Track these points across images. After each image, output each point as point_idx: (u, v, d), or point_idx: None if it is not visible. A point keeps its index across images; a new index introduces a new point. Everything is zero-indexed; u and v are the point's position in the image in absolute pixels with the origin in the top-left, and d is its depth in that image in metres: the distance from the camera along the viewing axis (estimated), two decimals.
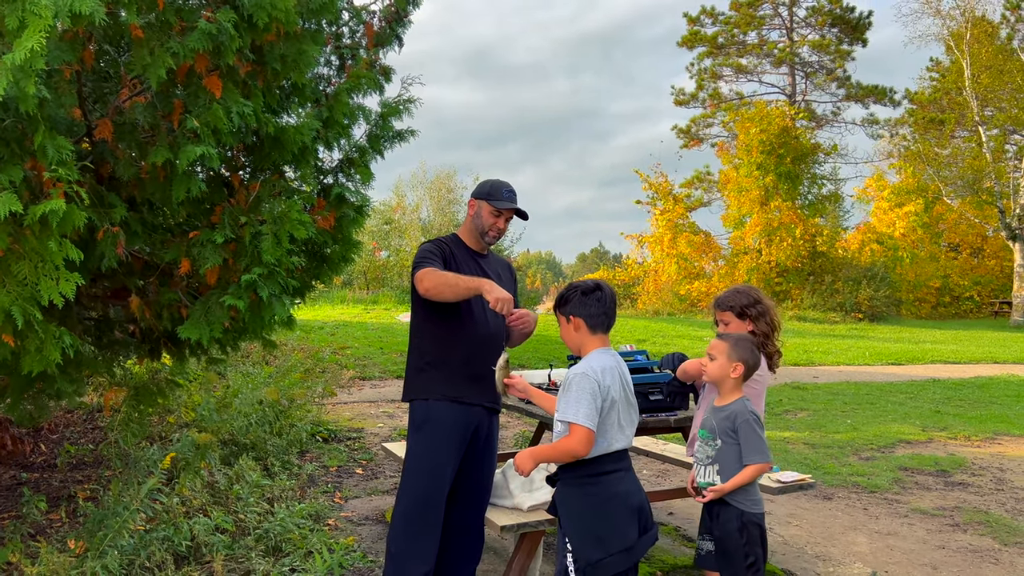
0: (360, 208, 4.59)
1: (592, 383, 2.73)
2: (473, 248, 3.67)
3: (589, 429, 2.69)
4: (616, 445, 2.79)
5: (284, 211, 3.87)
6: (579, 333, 2.89)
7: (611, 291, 2.88)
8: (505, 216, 3.61)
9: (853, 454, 7.48)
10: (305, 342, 13.32)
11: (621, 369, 2.87)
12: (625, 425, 2.83)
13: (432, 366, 3.53)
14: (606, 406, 2.75)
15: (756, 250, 29.91)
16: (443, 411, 3.47)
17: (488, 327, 3.56)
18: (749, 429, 3.11)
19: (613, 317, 2.89)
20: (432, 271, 3.33)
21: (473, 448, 3.58)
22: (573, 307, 2.89)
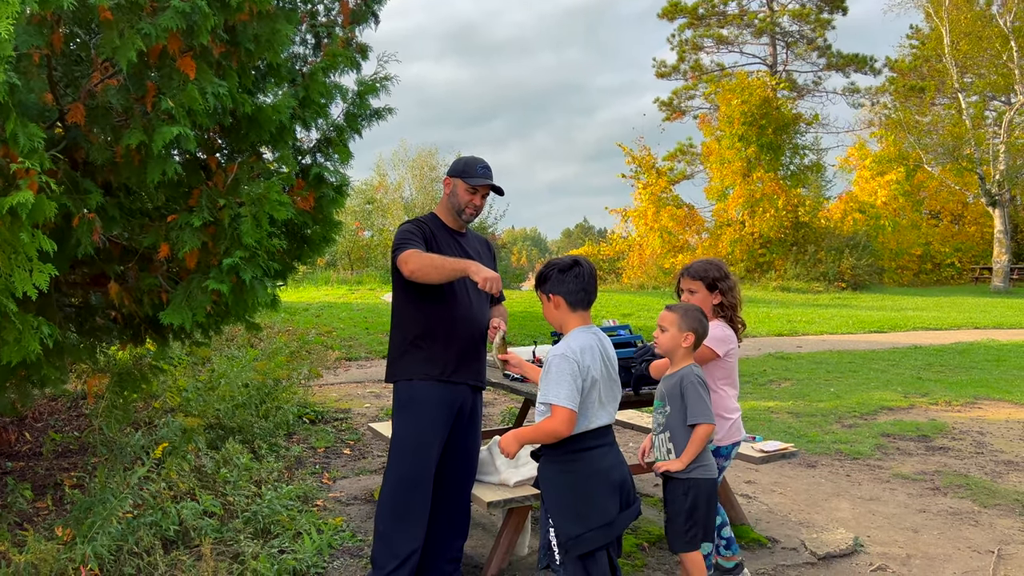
0: (340, 188, 4.57)
1: (572, 364, 2.74)
2: (451, 227, 3.66)
3: (570, 410, 2.71)
4: (597, 422, 2.81)
5: (263, 192, 3.84)
6: (559, 311, 2.89)
7: (590, 267, 2.88)
8: (481, 193, 3.60)
9: (836, 422, 7.58)
10: (290, 324, 13.29)
11: (603, 346, 2.87)
12: (607, 402, 2.85)
13: (415, 346, 3.53)
14: (587, 386, 2.76)
15: (739, 222, 30.01)
16: (427, 390, 3.48)
17: (470, 307, 3.57)
18: (693, 390, 3.16)
19: (593, 293, 2.89)
20: (416, 253, 3.32)
21: (458, 426, 3.60)
22: (552, 285, 2.89)
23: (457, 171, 3.59)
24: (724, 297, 3.57)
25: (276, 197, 3.85)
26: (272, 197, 3.84)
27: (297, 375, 7.93)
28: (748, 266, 29.45)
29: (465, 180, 3.56)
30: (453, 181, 3.60)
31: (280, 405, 6.93)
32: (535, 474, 3.88)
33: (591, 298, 2.89)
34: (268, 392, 6.87)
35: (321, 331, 13.02)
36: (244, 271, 3.84)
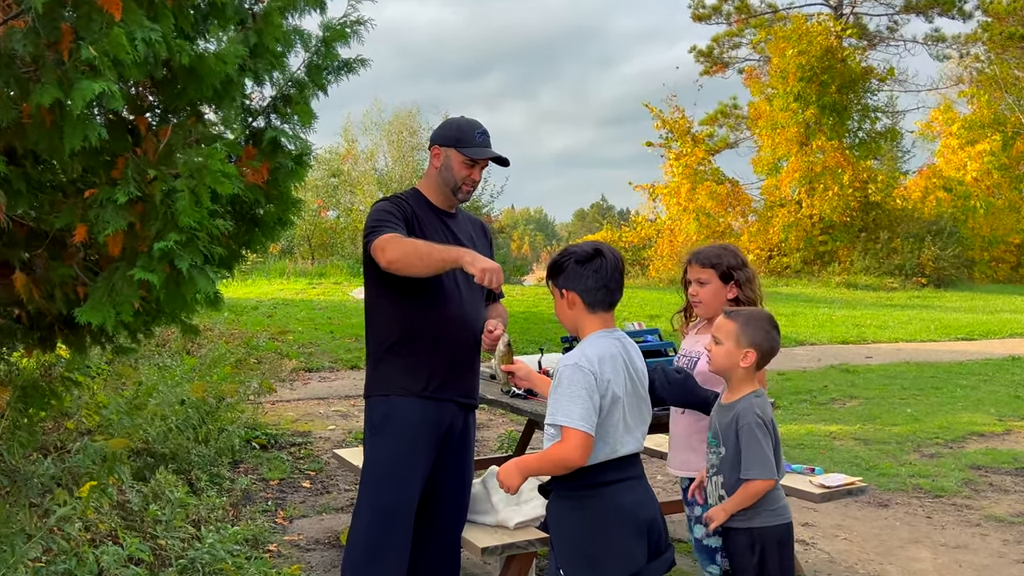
0: (299, 157, 4.57)
1: (587, 376, 2.74)
2: (439, 206, 3.67)
3: (585, 433, 2.71)
4: (621, 449, 2.82)
5: (204, 162, 3.84)
6: (574, 311, 2.90)
7: (615, 257, 2.88)
8: (480, 166, 3.61)
9: (914, 451, 7.60)
10: (236, 326, 13.30)
11: (628, 356, 2.88)
12: (633, 425, 2.86)
13: (392, 354, 3.55)
14: (606, 403, 2.76)
15: (795, 201, 30.06)
16: (406, 409, 3.50)
17: (462, 305, 3.58)
18: (749, 434, 3.12)
19: (618, 291, 2.89)
20: (395, 238, 3.32)
21: (445, 452, 3.62)
22: (567, 279, 2.89)
23: (450, 139, 3.60)
24: (741, 291, 3.57)
25: (220, 168, 3.85)
26: (215, 168, 3.84)
27: (245, 390, 7.95)
28: (805, 257, 29.52)
29: (461, 150, 3.57)
30: (444, 151, 3.61)
31: (224, 427, 6.94)
32: (541, 513, 3.89)
33: (615, 297, 2.89)
34: (209, 411, 6.89)
35: (274, 335, 13.03)
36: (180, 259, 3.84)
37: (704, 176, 31.76)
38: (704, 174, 31.92)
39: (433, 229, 3.58)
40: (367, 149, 32.59)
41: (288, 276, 22.31)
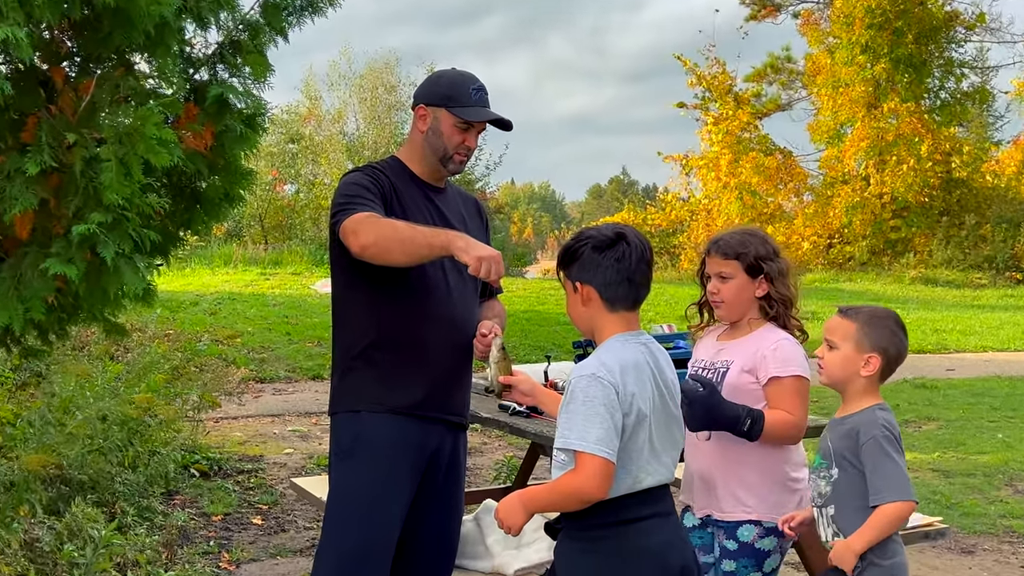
0: (251, 118, 4.57)
1: (607, 390, 2.73)
2: (424, 178, 3.67)
3: (605, 460, 2.70)
4: (647, 479, 2.81)
5: (135, 124, 3.84)
6: (590, 308, 2.89)
7: (640, 245, 2.86)
8: (476, 129, 3.61)
9: (1006, 485, 7.60)
10: (171, 325, 13.29)
11: (656, 364, 2.87)
12: (662, 449, 2.84)
13: (365, 361, 3.54)
14: (630, 423, 2.75)
15: (861, 177, 30.04)
16: (382, 427, 3.50)
17: (451, 302, 3.58)
18: (877, 450, 3.07)
19: (644, 285, 2.88)
20: (371, 218, 3.31)
21: (429, 482, 3.62)
22: (582, 269, 2.88)
23: (439, 96, 3.59)
24: (773, 286, 3.56)
25: (155, 132, 3.85)
26: (149, 132, 3.84)
27: (182, 404, 7.95)
28: (873, 245, 29.50)
29: (452, 110, 3.56)
30: (432, 111, 3.60)
31: (156, 449, 6.94)
32: (547, 558, 3.90)
33: (640, 293, 2.89)
34: (138, 429, 6.89)
35: (219, 337, 13.03)
36: (104, 244, 3.84)
37: (749, 145, 31.71)
38: (749, 142, 31.87)
39: (416, 207, 3.58)
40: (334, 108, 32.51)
41: (236, 264, 22.31)
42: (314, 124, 31.38)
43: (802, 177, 32.26)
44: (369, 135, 31.40)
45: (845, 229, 29.82)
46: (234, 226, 26.77)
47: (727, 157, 31.03)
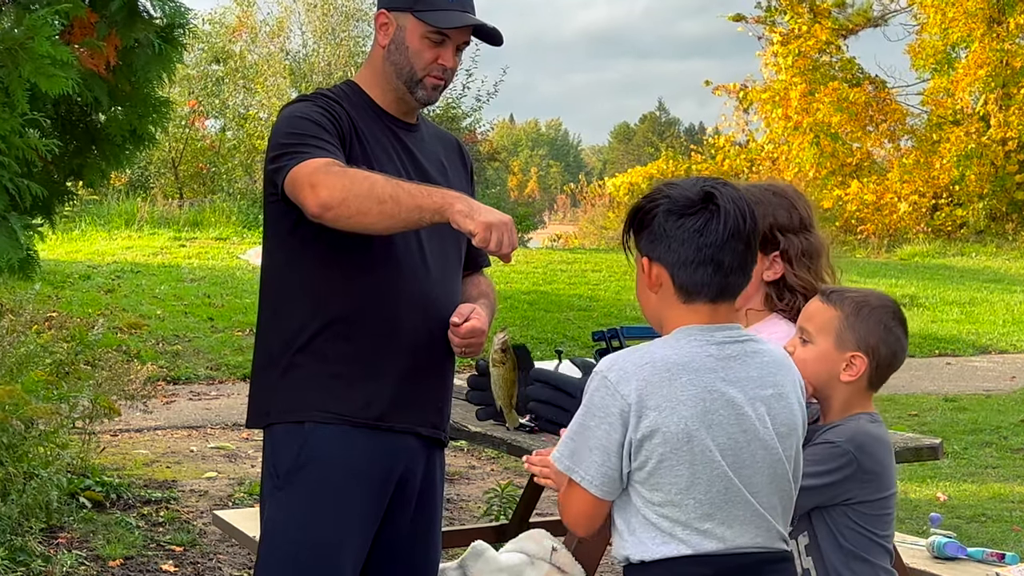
0: (169, 30, 4.57)
1: (610, 399, 2.70)
2: (389, 110, 3.67)
3: (595, 499, 2.72)
4: (712, 543, 2.72)
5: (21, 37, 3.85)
6: (661, 296, 2.83)
7: (738, 211, 2.73)
8: (454, 42, 3.60)
9: None
10: (54, 305, 13.30)
11: (729, 376, 2.76)
12: (724, 503, 2.70)
13: (311, 355, 3.55)
14: (650, 453, 2.69)
15: (978, 117, 29.98)
16: (335, 443, 3.51)
17: (428, 280, 3.58)
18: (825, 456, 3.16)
19: (737, 271, 2.76)
20: (333, 166, 3.30)
21: (397, 516, 3.63)
22: (652, 239, 2.80)
23: (405, 0, 3.59)
24: (792, 266, 3.57)
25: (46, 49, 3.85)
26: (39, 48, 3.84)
27: (69, 410, 7.94)
28: (993, 209, 29.50)
29: (420, 15, 3.55)
30: (395, 18, 3.60)
31: (34, 470, 6.93)
32: None
33: (729, 281, 2.77)
34: (10, 444, 6.89)
35: (119, 323, 13.04)
36: None
37: (829, 72, 31.69)
38: (829, 69, 31.85)
39: (381, 150, 3.59)
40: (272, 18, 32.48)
41: (140, 226, 22.26)
42: (247, 39, 31.33)
43: (899, 116, 32.25)
44: (319, 54, 31.36)
45: (956, 186, 29.80)
46: (139, 175, 26.71)
47: (799, 88, 31.02)
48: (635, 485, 2.70)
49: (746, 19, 33.10)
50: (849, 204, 29.83)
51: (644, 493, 2.69)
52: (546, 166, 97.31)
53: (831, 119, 30.60)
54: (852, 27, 34.33)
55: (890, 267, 24.12)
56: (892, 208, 29.57)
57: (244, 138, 28.27)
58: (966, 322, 17.48)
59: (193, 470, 8.50)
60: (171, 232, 21.53)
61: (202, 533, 6.99)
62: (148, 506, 7.49)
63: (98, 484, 7.58)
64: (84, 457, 7.82)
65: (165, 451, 9.04)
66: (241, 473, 8.44)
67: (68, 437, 7.70)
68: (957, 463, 9.25)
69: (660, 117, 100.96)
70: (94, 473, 7.73)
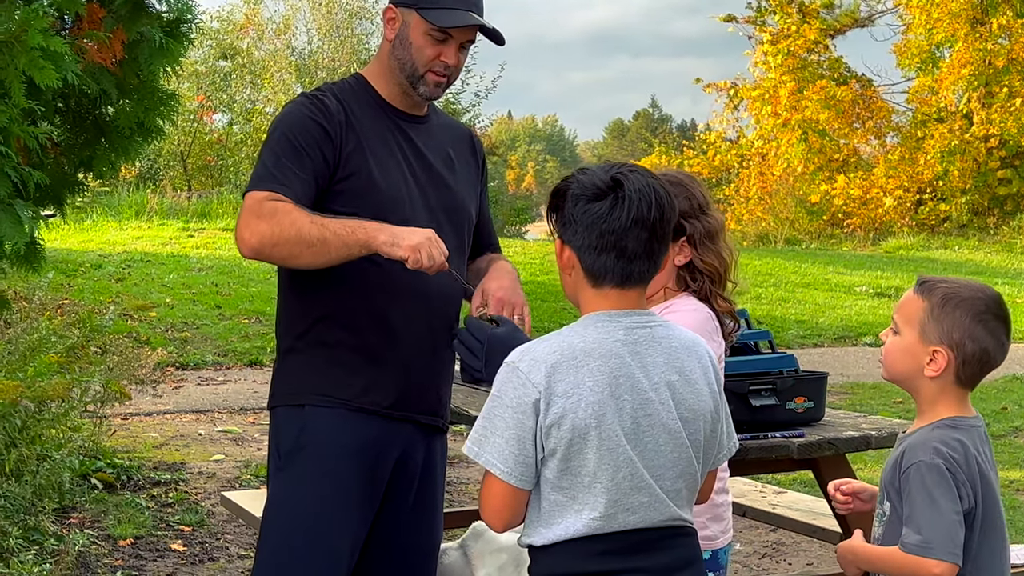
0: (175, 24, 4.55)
1: (520, 387, 2.67)
2: (396, 104, 3.64)
3: (504, 484, 2.68)
4: (622, 519, 2.72)
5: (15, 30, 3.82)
6: (574, 278, 2.81)
7: (645, 198, 2.70)
8: (457, 41, 3.57)
9: None
10: (66, 293, 13.28)
11: (639, 358, 2.74)
12: (631, 489, 2.72)
13: (313, 342, 3.55)
14: (562, 437, 2.66)
15: (961, 115, 29.95)
16: (332, 427, 3.51)
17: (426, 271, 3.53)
18: (919, 484, 2.95)
19: (642, 258, 2.73)
20: (264, 205, 3.31)
21: (396, 498, 3.62)
22: (564, 223, 2.80)
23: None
24: (699, 252, 3.55)
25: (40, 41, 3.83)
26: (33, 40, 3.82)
27: (80, 394, 7.93)
28: (976, 203, 29.47)
29: (424, 12, 3.52)
30: (401, 14, 3.57)
31: (47, 452, 6.92)
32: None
33: (634, 267, 2.74)
34: (23, 426, 6.88)
35: (128, 309, 13.01)
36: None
37: (817, 71, 31.65)
38: (817, 68, 31.80)
39: (382, 142, 3.55)
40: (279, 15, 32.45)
41: (150, 216, 22.23)
42: (254, 36, 31.31)
43: (885, 113, 32.20)
44: (324, 50, 31.33)
45: (939, 181, 29.77)
46: (149, 167, 26.68)
47: (788, 86, 30.96)
48: (544, 472, 2.68)
49: (737, 19, 33.02)
50: (836, 199, 29.76)
51: (552, 479, 2.68)
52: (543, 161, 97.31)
53: (819, 116, 30.55)
54: (840, 27, 34.28)
55: (875, 260, 24.09)
56: (878, 202, 29.52)
57: (251, 132, 28.25)
58: None
59: (201, 453, 8.50)
60: (180, 223, 21.51)
61: (210, 514, 6.98)
62: (157, 487, 7.50)
63: (109, 466, 7.59)
64: (95, 440, 7.82)
65: (174, 434, 9.04)
66: (248, 456, 8.44)
67: (80, 420, 7.70)
68: None
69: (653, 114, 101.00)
70: (105, 455, 7.73)
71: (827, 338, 15.65)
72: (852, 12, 34.97)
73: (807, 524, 5.17)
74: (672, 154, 35.04)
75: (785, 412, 4.23)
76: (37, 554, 5.86)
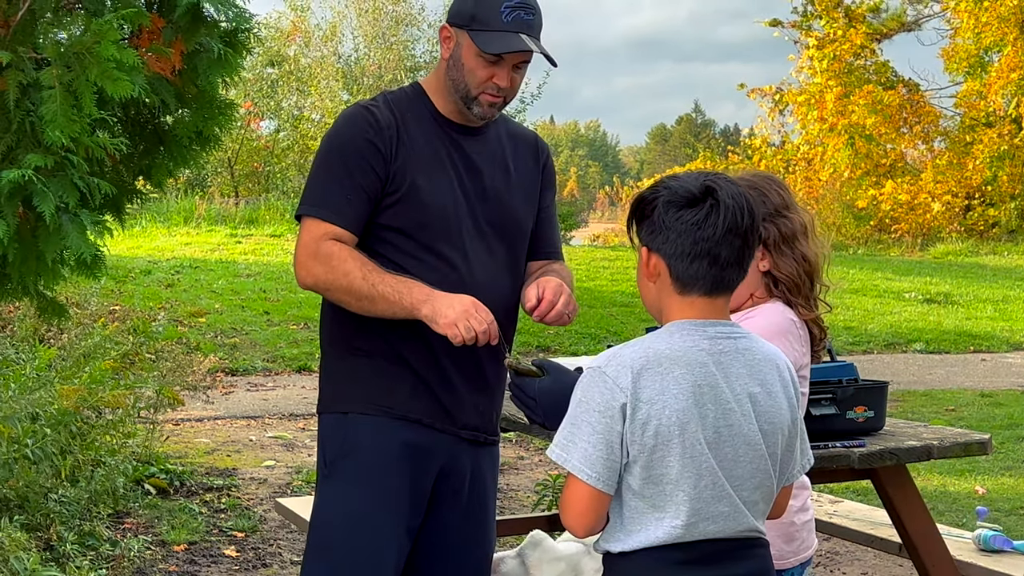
0: (233, 34, 4.56)
1: (607, 391, 2.67)
2: (451, 118, 3.61)
3: (591, 488, 2.68)
4: (702, 528, 2.73)
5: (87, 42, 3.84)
6: (659, 286, 2.81)
7: (738, 206, 2.72)
8: (510, 63, 3.52)
9: None
10: (117, 299, 13.37)
11: (722, 367, 2.75)
12: (712, 498, 2.71)
13: (352, 351, 3.57)
14: (643, 443, 2.67)
15: (1010, 119, 29.75)
16: (377, 436, 3.51)
17: (472, 286, 3.51)
18: None
19: (733, 265, 2.76)
20: (320, 247, 3.38)
21: (446, 506, 3.63)
22: (652, 230, 2.80)
23: (464, 14, 3.51)
24: (779, 257, 3.53)
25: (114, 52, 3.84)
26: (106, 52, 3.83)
27: (134, 401, 7.98)
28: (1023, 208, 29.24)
29: (474, 36, 3.47)
30: (456, 34, 3.54)
31: (101, 458, 6.96)
32: None
33: (726, 275, 2.76)
34: (79, 432, 6.92)
35: (179, 316, 13.08)
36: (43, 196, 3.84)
37: (864, 76, 31.50)
38: (864, 72, 31.65)
39: (433, 154, 3.54)
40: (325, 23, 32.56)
41: (199, 223, 22.36)
42: (300, 43, 31.42)
43: (933, 118, 32.03)
44: (371, 58, 31.42)
45: (988, 186, 29.59)
46: (196, 175, 26.78)
47: (835, 91, 30.84)
48: (627, 478, 2.69)
49: (782, 24, 32.93)
50: (883, 204, 29.67)
51: (634, 486, 2.69)
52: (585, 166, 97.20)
53: (866, 121, 30.43)
54: (886, 31, 34.13)
55: (924, 265, 23.99)
56: (926, 208, 29.41)
57: (298, 139, 28.34)
58: (1000, 319, 17.36)
59: (252, 459, 8.54)
60: (227, 229, 21.64)
61: (262, 519, 7.02)
62: (210, 493, 7.54)
63: (162, 471, 7.64)
64: (148, 445, 7.87)
65: (225, 440, 9.08)
66: (299, 462, 8.47)
67: (134, 426, 7.75)
68: (995, 457, 9.16)
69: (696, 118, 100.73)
70: (158, 461, 7.79)
71: (876, 345, 15.57)
72: (899, 16, 34.79)
73: (865, 534, 5.16)
74: (717, 159, 35.00)
75: (845, 421, 4.24)
76: (93, 560, 5.90)
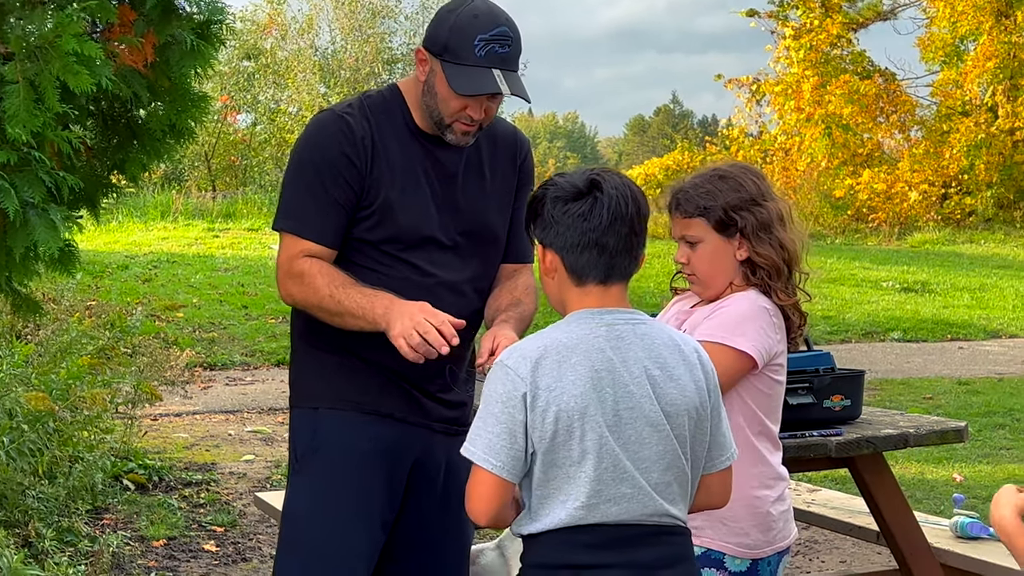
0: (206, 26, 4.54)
1: (510, 383, 2.73)
2: (428, 130, 3.56)
3: (494, 476, 2.72)
4: (604, 511, 2.75)
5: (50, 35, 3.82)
6: (557, 280, 2.86)
7: (621, 196, 2.78)
8: (479, 101, 3.45)
9: None
10: (94, 294, 13.32)
11: (620, 353, 2.78)
12: (611, 480, 2.74)
13: (321, 347, 3.57)
14: (544, 430, 2.71)
15: (986, 108, 29.84)
16: (346, 430, 3.51)
17: (443, 290, 3.52)
18: None
19: (623, 253, 2.80)
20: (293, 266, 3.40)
21: (420, 498, 3.62)
22: (544, 227, 2.86)
23: (438, 43, 3.44)
24: (755, 246, 3.49)
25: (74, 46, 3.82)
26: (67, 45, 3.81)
27: (111, 396, 7.95)
28: (1001, 197, 29.38)
29: (447, 69, 3.41)
30: (429, 58, 3.50)
31: (79, 454, 6.94)
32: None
33: (616, 263, 2.81)
34: (56, 429, 6.89)
35: (156, 310, 13.05)
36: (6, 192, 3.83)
37: (840, 65, 31.57)
38: (841, 62, 31.71)
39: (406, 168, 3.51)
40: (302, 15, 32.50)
41: (175, 217, 22.34)
42: (277, 36, 31.36)
43: (909, 107, 32.10)
44: (348, 50, 31.37)
45: (965, 175, 29.67)
46: (173, 168, 26.72)
47: (811, 81, 30.89)
48: (533, 465, 2.74)
49: (759, 14, 32.96)
50: (860, 193, 29.72)
51: (540, 471, 2.74)
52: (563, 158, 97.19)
53: (842, 111, 30.49)
54: (862, 21, 34.16)
55: (901, 254, 24.09)
56: (903, 197, 29.48)
57: (275, 132, 28.33)
58: (977, 308, 17.42)
59: (231, 453, 8.52)
60: (205, 223, 21.63)
61: (242, 514, 7.01)
62: (189, 488, 7.53)
63: (140, 467, 7.63)
64: (127, 441, 7.87)
65: (204, 435, 9.07)
66: (278, 456, 8.46)
67: (111, 422, 7.74)
68: (972, 445, 9.19)
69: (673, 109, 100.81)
70: (136, 456, 7.77)
71: (854, 334, 15.62)
72: (875, 6, 34.83)
73: (843, 522, 5.17)
74: (694, 150, 35.00)
75: (822, 410, 4.26)
76: (72, 556, 5.88)
